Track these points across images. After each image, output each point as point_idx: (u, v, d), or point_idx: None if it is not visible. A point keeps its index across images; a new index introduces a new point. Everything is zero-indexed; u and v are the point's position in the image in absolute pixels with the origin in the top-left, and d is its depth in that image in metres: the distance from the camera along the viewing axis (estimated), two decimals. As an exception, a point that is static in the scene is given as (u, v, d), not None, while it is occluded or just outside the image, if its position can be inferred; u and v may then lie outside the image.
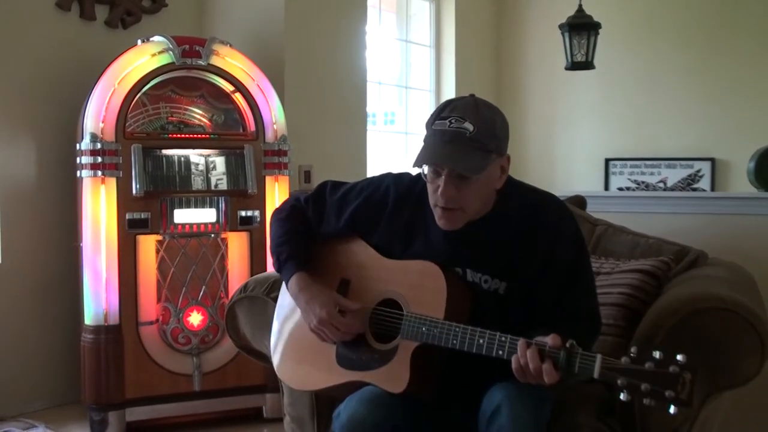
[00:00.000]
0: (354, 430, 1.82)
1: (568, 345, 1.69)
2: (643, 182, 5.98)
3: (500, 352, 1.76)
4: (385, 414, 1.83)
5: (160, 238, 3.51)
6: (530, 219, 1.96)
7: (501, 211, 1.97)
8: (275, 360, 2.24)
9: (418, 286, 1.95)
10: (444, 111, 1.89)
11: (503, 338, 1.77)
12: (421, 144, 1.93)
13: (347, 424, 1.84)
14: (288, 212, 2.23)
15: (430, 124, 1.91)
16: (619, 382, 1.61)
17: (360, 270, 2.10)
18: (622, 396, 1.62)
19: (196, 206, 3.56)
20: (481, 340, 1.78)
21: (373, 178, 2.20)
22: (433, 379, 1.93)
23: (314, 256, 2.18)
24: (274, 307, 2.41)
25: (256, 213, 3.66)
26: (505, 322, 1.83)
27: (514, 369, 1.73)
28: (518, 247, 1.94)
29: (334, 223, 2.16)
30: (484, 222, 1.96)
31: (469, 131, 1.84)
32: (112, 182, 3.42)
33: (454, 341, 1.82)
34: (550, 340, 1.71)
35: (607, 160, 6.10)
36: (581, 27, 4.55)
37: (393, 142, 5.82)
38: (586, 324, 1.92)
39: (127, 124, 3.49)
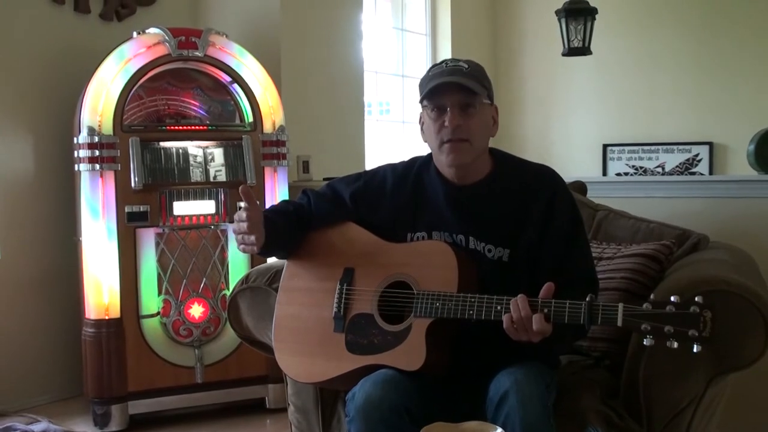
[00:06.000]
0: (370, 411, 1.83)
1: (588, 299, 1.74)
2: (641, 167, 5.97)
3: None
4: (400, 396, 1.84)
5: (159, 230, 3.51)
6: (528, 187, 2.04)
7: (499, 177, 2.06)
8: (277, 354, 2.20)
9: (427, 264, 1.99)
10: (436, 63, 2.08)
11: None
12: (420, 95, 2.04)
13: (363, 405, 1.84)
14: (284, 201, 2.37)
15: (426, 76, 2.04)
16: (642, 327, 1.68)
17: (364, 257, 2.10)
18: (645, 341, 1.68)
19: (195, 198, 3.55)
20: (498, 307, 1.83)
21: (370, 169, 2.28)
22: (446, 355, 1.95)
23: (313, 249, 2.19)
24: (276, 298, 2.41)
25: (256, 204, 3.65)
26: (509, 290, 1.86)
27: (505, 326, 1.80)
28: (519, 215, 2.00)
29: (336, 201, 2.18)
30: (484, 186, 2.04)
31: (465, 68, 2.01)
32: (110, 175, 3.42)
33: (471, 311, 1.86)
34: (542, 292, 1.78)
35: (605, 146, 6.10)
36: (577, 12, 4.54)
37: (390, 132, 5.80)
38: (585, 286, 1.93)
39: (124, 117, 3.48)
